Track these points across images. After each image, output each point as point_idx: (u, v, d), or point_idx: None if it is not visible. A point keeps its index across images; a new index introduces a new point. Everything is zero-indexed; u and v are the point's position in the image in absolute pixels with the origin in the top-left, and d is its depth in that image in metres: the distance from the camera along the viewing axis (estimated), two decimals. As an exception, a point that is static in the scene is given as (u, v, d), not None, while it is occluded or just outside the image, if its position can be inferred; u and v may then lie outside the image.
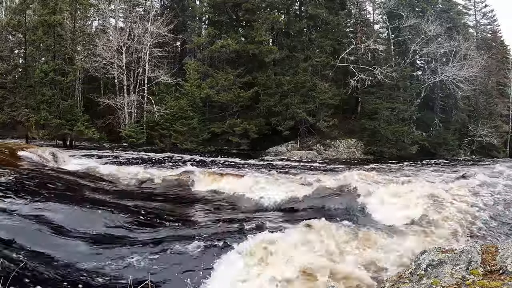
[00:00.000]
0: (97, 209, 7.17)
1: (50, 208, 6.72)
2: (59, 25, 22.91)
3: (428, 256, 3.18)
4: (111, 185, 10.50)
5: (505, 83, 36.49)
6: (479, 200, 8.33)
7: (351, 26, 32.09)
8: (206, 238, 5.87)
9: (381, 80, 26.42)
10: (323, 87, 26.17)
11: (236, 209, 8.72)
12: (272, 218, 7.77)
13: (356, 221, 7.21)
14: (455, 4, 38.99)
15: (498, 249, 3.15)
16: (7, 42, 25.11)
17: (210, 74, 26.45)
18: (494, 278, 2.82)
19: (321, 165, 19.42)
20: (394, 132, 26.36)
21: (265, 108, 26.07)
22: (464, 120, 31.37)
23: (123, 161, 16.69)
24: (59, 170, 11.51)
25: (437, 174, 14.66)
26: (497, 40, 45.03)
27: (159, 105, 24.24)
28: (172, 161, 17.79)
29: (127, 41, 24.48)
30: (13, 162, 10.82)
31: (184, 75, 26.42)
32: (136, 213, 7.50)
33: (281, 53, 26.65)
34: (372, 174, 12.01)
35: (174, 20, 27.62)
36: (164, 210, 8.26)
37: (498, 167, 15.99)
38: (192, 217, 8.16)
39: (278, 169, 15.78)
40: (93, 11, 29.86)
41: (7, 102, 22.93)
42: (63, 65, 23.29)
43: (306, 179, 11.46)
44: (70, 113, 23.07)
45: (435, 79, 28.93)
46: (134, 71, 25.09)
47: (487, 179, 10.81)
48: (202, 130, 25.09)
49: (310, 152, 25.41)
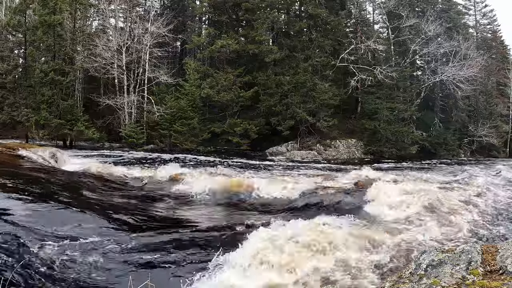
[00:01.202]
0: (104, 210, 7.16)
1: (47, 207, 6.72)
2: (59, 25, 22.93)
3: (428, 256, 3.18)
4: (111, 185, 10.50)
5: (505, 83, 36.48)
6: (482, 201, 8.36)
7: (351, 26, 32.10)
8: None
9: (381, 80, 26.43)
10: (323, 87, 26.18)
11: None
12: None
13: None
14: (455, 4, 39.03)
15: (498, 249, 3.15)
16: (7, 42, 25.16)
17: (210, 74, 26.45)
18: (494, 278, 2.82)
19: (334, 165, 19.44)
20: (394, 132, 26.37)
21: (265, 108, 26.08)
22: (464, 120, 31.37)
23: (123, 161, 16.69)
24: (59, 170, 11.51)
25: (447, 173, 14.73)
26: (497, 40, 45.02)
27: (159, 105, 24.25)
28: (181, 160, 17.78)
29: (127, 41, 24.50)
30: (13, 162, 10.82)
31: (184, 75, 26.42)
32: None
33: (281, 53, 26.65)
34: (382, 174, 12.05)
35: (174, 20, 27.64)
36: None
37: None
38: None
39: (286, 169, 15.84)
40: (93, 11, 29.88)
41: (7, 102, 22.98)
42: (63, 65, 23.31)
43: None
44: (70, 113, 23.09)
45: (435, 79, 28.93)
46: (134, 71, 25.11)
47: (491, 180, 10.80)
48: (202, 130, 25.08)
49: (310, 152, 25.42)
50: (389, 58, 29.40)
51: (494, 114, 32.80)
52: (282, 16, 30.93)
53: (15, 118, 22.74)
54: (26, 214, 6.08)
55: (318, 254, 4.89)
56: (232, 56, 27.58)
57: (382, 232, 5.90)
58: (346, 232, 5.48)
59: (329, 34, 28.38)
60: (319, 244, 4.99)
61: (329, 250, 4.97)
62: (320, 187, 9.70)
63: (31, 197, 7.15)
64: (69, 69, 23.69)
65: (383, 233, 5.84)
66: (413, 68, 31.44)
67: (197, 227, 7.00)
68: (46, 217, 6.17)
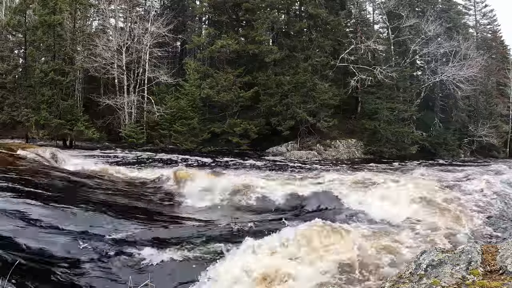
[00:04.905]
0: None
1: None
2: (59, 25, 22.92)
3: (428, 256, 3.18)
4: (110, 185, 10.49)
5: (505, 83, 36.46)
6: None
7: (351, 26, 32.10)
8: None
9: (381, 80, 26.43)
10: (323, 87, 26.18)
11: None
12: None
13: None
14: (455, 4, 39.01)
15: (498, 249, 3.16)
16: (7, 42, 25.15)
17: (210, 74, 26.44)
18: (494, 278, 2.82)
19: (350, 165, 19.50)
20: (394, 132, 26.37)
21: (265, 108, 26.07)
22: (464, 120, 31.36)
23: (123, 161, 16.69)
24: (59, 170, 11.50)
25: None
26: (497, 40, 45.02)
27: (159, 105, 24.25)
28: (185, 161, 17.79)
29: (127, 41, 24.50)
30: (13, 162, 10.82)
31: (184, 75, 26.42)
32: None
33: (281, 53, 26.64)
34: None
35: (174, 20, 27.63)
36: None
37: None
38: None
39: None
40: (93, 11, 29.88)
41: (7, 102, 22.97)
42: (63, 65, 23.30)
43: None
44: (70, 113, 23.08)
45: (435, 79, 28.92)
46: (134, 71, 25.11)
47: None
48: (202, 130, 25.07)
49: (310, 152, 25.42)
50: (389, 58, 29.39)
51: (494, 114, 32.78)
52: (282, 16, 30.92)
53: (15, 118, 22.75)
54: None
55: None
56: (232, 56, 27.57)
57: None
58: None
59: (329, 34, 28.38)
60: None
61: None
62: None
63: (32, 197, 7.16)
64: (69, 69, 23.69)
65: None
66: (413, 68, 31.43)
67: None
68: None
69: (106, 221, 6.58)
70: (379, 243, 5.89)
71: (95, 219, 6.51)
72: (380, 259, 5.35)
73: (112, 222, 6.48)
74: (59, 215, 6.41)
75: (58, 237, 5.56)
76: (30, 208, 6.47)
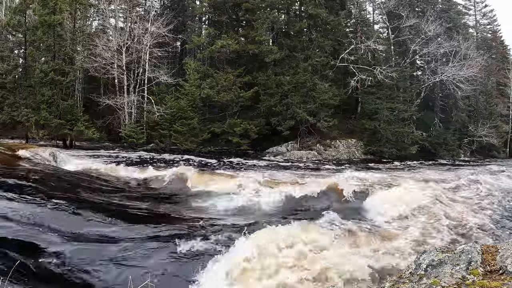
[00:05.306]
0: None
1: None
2: (59, 25, 22.92)
3: (428, 256, 3.18)
4: (110, 185, 10.50)
5: (505, 83, 36.48)
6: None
7: (351, 26, 32.09)
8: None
9: (381, 80, 26.42)
10: (323, 87, 26.17)
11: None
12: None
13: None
14: (455, 4, 39.02)
15: (498, 249, 3.16)
16: (7, 42, 25.13)
17: (210, 74, 26.44)
18: (494, 278, 2.82)
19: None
20: (394, 132, 26.36)
21: (265, 108, 26.06)
22: (464, 120, 31.36)
23: (123, 161, 16.68)
24: (59, 170, 11.51)
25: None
26: (497, 40, 45.02)
27: (159, 105, 24.24)
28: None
29: (127, 41, 24.49)
30: (13, 162, 10.82)
31: (184, 75, 26.41)
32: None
33: (281, 53, 26.64)
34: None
35: (174, 20, 27.62)
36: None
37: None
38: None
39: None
40: (93, 11, 29.87)
41: (7, 102, 22.96)
42: (63, 65, 23.30)
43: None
44: (70, 113, 23.07)
45: (435, 79, 28.92)
46: (134, 71, 25.10)
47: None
48: (202, 130, 25.07)
49: (310, 152, 25.41)
50: (389, 58, 29.39)
51: (494, 114, 32.80)
52: (282, 16, 30.91)
53: (15, 118, 22.72)
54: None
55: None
56: (232, 56, 27.57)
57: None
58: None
59: (329, 34, 28.37)
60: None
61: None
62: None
63: (33, 197, 7.15)
64: (69, 69, 23.68)
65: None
66: (413, 68, 31.43)
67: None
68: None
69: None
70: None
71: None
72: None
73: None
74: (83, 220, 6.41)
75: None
76: (35, 209, 6.48)
